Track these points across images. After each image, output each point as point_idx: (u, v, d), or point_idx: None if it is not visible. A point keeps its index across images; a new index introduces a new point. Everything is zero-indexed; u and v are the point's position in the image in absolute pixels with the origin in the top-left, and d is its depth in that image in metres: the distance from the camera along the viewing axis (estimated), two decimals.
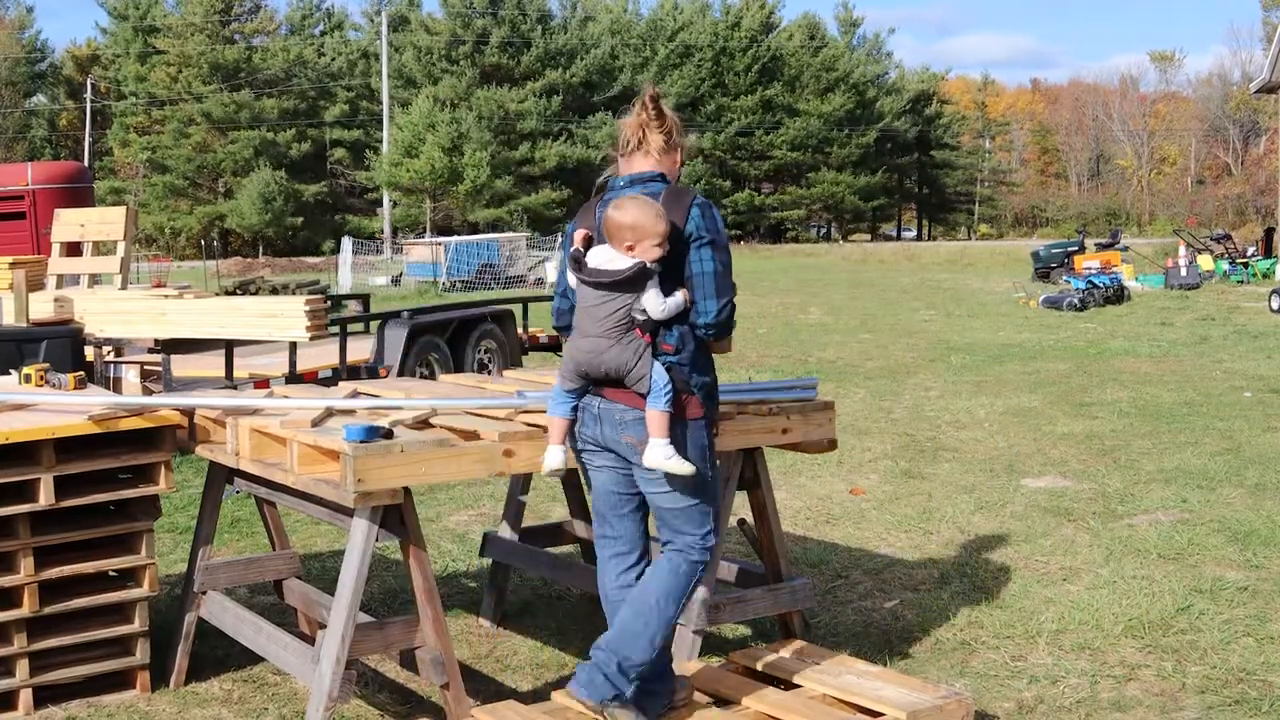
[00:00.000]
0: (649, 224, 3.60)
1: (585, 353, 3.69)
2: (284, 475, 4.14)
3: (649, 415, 3.67)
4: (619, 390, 3.70)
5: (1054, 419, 10.24)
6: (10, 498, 4.31)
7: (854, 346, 16.26)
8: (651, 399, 3.66)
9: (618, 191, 3.79)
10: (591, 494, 3.96)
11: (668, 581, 3.81)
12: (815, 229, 75.90)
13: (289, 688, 4.71)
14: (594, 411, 3.77)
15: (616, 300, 3.64)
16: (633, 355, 3.65)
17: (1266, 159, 61.23)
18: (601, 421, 3.76)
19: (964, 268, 37.10)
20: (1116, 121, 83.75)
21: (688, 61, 68.09)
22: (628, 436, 3.71)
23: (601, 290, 3.66)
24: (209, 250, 46.40)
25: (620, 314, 3.64)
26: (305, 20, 69.58)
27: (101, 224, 10.77)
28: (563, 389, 3.79)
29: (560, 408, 3.81)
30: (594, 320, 3.68)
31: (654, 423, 3.66)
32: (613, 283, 3.64)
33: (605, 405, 3.73)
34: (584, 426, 3.81)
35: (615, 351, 3.65)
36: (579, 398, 3.79)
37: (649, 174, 3.80)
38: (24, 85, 66.18)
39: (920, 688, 3.98)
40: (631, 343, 3.65)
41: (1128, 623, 5.24)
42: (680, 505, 3.79)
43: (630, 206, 3.63)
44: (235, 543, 6.74)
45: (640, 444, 3.69)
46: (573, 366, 3.74)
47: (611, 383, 3.70)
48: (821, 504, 7.52)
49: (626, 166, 3.86)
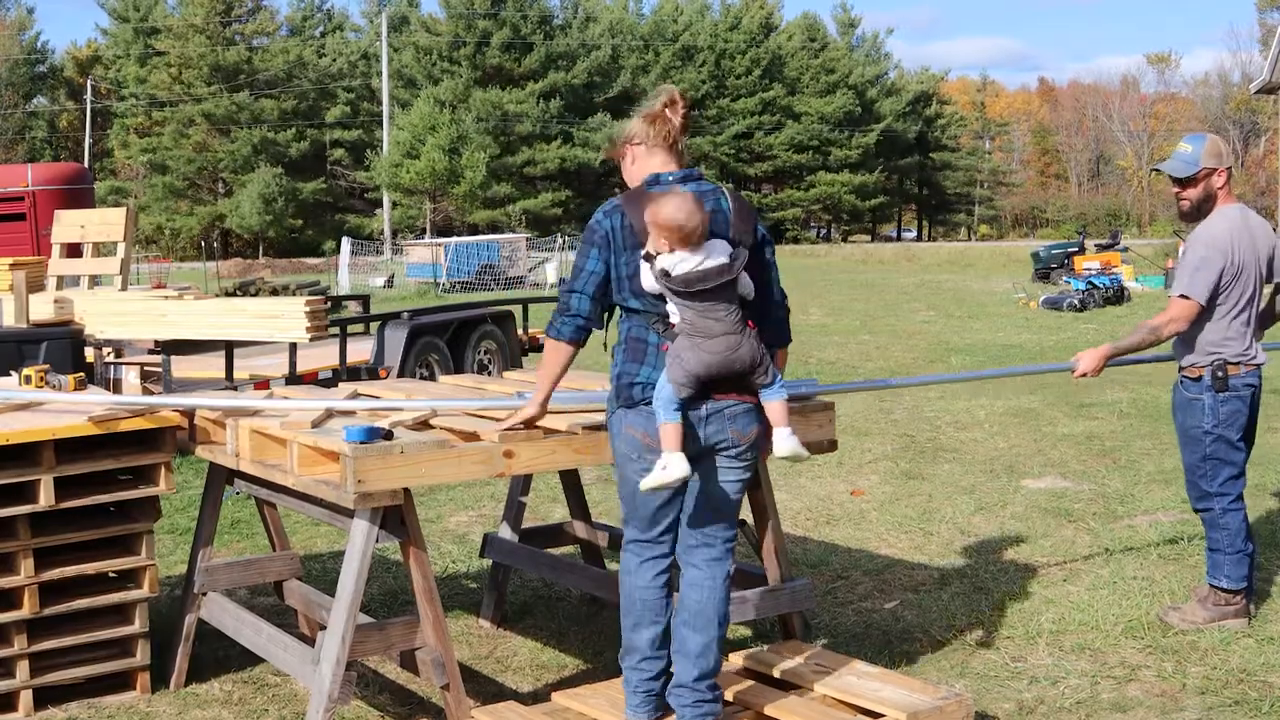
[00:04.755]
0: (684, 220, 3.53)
1: (718, 353, 3.55)
2: (284, 476, 4.14)
3: (776, 405, 3.68)
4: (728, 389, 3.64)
5: (1054, 420, 10.24)
6: (10, 499, 4.31)
7: (854, 347, 16.26)
8: (776, 389, 3.67)
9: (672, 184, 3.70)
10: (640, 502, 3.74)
11: (723, 602, 3.82)
12: (815, 230, 75.92)
13: (289, 689, 4.71)
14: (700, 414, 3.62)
15: (725, 297, 3.58)
16: (757, 349, 3.63)
17: (1266, 160, 61.24)
18: (706, 424, 3.64)
19: (964, 268, 37.09)
20: (1116, 122, 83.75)
21: (689, 63, 68.08)
22: (734, 431, 3.67)
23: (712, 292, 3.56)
24: (209, 251, 46.44)
25: (736, 310, 3.60)
26: (305, 21, 69.59)
27: (101, 225, 10.77)
28: (679, 396, 3.57)
29: (676, 411, 3.58)
30: (715, 320, 3.56)
31: (781, 412, 3.68)
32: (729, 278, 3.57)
33: (713, 406, 3.63)
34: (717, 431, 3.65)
35: (748, 345, 3.61)
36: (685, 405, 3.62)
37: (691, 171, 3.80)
38: (24, 86, 66.16)
39: (920, 688, 3.98)
40: (750, 335, 3.63)
41: (1128, 623, 5.24)
42: (741, 496, 3.83)
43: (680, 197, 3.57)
44: (235, 544, 6.74)
45: (743, 436, 3.68)
46: (698, 368, 3.54)
47: (732, 381, 3.62)
48: (822, 505, 7.52)
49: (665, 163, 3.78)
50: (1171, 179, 5.26)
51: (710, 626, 3.78)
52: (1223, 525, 5.19)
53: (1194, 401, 5.18)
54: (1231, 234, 5.10)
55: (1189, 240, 5.25)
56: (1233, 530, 5.19)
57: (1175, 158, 5.24)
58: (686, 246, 3.54)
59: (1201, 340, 5.13)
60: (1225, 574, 5.18)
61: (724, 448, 3.70)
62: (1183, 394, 5.24)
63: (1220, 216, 5.17)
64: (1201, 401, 5.15)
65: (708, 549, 3.81)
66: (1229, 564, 5.18)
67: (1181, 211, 5.34)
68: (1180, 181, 5.22)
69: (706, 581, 3.80)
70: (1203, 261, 5.06)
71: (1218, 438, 5.15)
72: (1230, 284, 5.08)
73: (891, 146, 71.92)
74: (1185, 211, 5.30)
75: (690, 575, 3.83)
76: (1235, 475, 5.22)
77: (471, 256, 33.44)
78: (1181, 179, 5.20)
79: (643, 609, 3.80)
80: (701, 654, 3.76)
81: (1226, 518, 5.19)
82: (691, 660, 3.76)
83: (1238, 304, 5.12)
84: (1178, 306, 5.08)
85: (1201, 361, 5.14)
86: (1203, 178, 5.17)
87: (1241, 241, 5.11)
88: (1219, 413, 5.13)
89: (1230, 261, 5.06)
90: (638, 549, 3.83)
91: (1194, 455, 5.22)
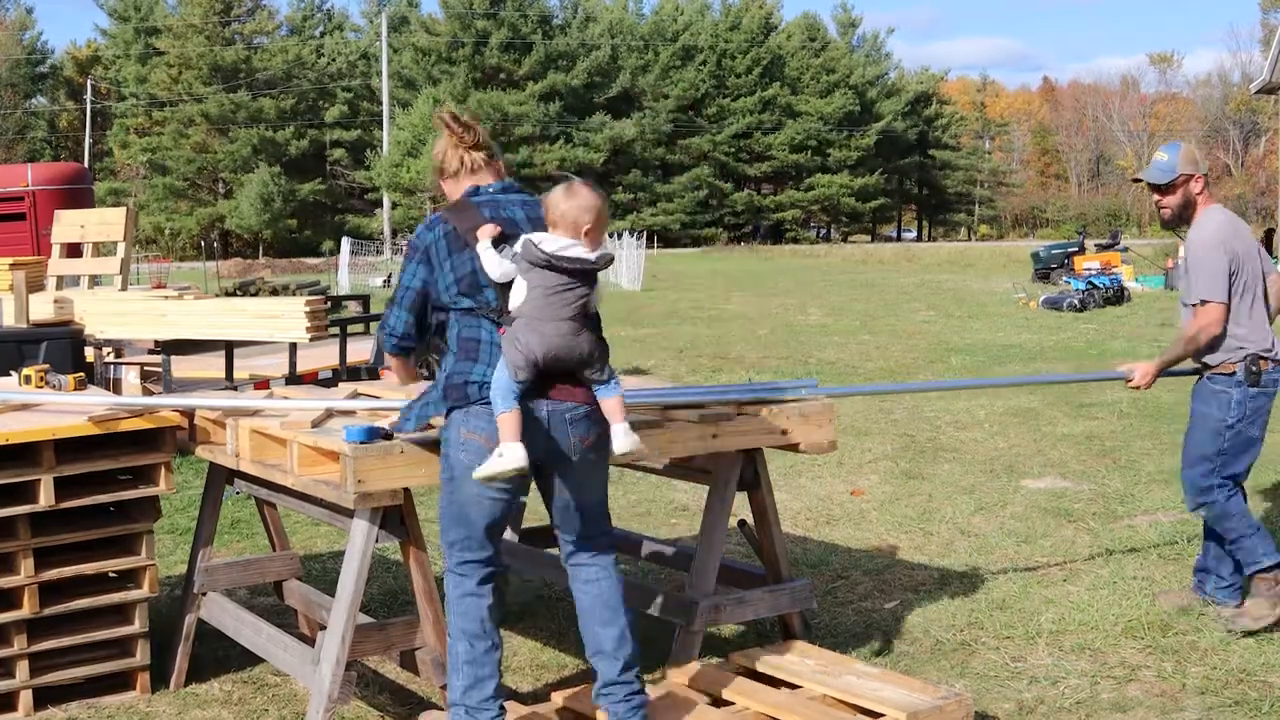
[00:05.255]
0: (605, 211, 3.65)
1: (559, 336, 3.55)
2: (284, 476, 4.14)
3: (612, 401, 3.66)
4: (564, 388, 3.63)
5: (1054, 420, 10.24)
6: (10, 499, 4.31)
7: (854, 348, 16.26)
8: (610, 387, 3.66)
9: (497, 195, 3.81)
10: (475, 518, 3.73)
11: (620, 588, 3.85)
12: (815, 230, 75.92)
13: (289, 689, 4.71)
14: (539, 415, 3.60)
15: (579, 288, 3.59)
16: (598, 343, 3.64)
17: (1267, 160, 61.25)
18: (549, 425, 3.62)
19: (964, 268, 37.08)
20: (1116, 122, 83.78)
21: (688, 63, 68.09)
22: (576, 435, 3.65)
23: (566, 276, 3.58)
24: (209, 251, 46.45)
25: (584, 302, 3.60)
26: (306, 21, 69.62)
27: (101, 225, 10.77)
28: (514, 380, 3.56)
29: (514, 400, 3.56)
30: (562, 305, 3.56)
31: (618, 408, 3.66)
32: (584, 270, 3.59)
33: (552, 406, 3.62)
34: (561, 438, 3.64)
35: (585, 337, 3.60)
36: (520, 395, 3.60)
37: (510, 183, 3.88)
38: (24, 86, 66.19)
39: (920, 688, 3.98)
40: (592, 331, 3.64)
41: (1128, 623, 5.24)
42: (605, 496, 3.86)
43: (588, 192, 3.64)
44: (235, 544, 6.74)
45: (585, 440, 3.66)
46: (539, 351, 3.54)
47: (567, 374, 3.61)
48: (821, 505, 7.52)
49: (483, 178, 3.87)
50: (1151, 187, 5.37)
51: (618, 616, 3.80)
52: (1232, 512, 5.21)
53: (1220, 394, 5.19)
54: (1224, 230, 5.19)
55: (1187, 246, 5.32)
56: (1242, 512, 5.25)
57: (1153, 166, 5.36)
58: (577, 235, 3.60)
59: (1228, 338, 5.16)
60: (1262, 553, 5.18)
61: (567, 454, 3.68)
62: (1209, 385, 5.25)
63: (1208, 217, 5.27)
64: (1229, 395, 5.17)
65: (590, 548, 3.84)
66: (1259, 543, 5.20)
67: (1163, 220, 5.46)
68: (1159, 189, 5.33)
69: (601, 575, 3.83)
70: (1208, 262, 5.12)
71: (1239, 432, 5.18)
72: (1238, 277, 5.14)
73: (891, 146, 71.90)
74: (1167, 219, 5.42)
75: (581, 574, 3.84)
76: (1242, 470, 5.27)
77: None
78: (1160, 186, 5.31)
79: (492, 628, 3.80)
80: (619, 645, 3.79)
81: (1230, 503, 5.22)
82: (611, 656, 3.79)
83: (1252, 296, 5.19)
84: (1204, 313, 5.14)
85: (1234, 358, 5.17)
86: (1180, 184, 5.28)
87: (1237, 235, 5.20)
88: (1246, 407, 5.16)
89: (1234, 254, 5.13)
90: (472, 570, 3.78)
91: (1208, 446, 5.23)
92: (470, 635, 3.78)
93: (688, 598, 4.61)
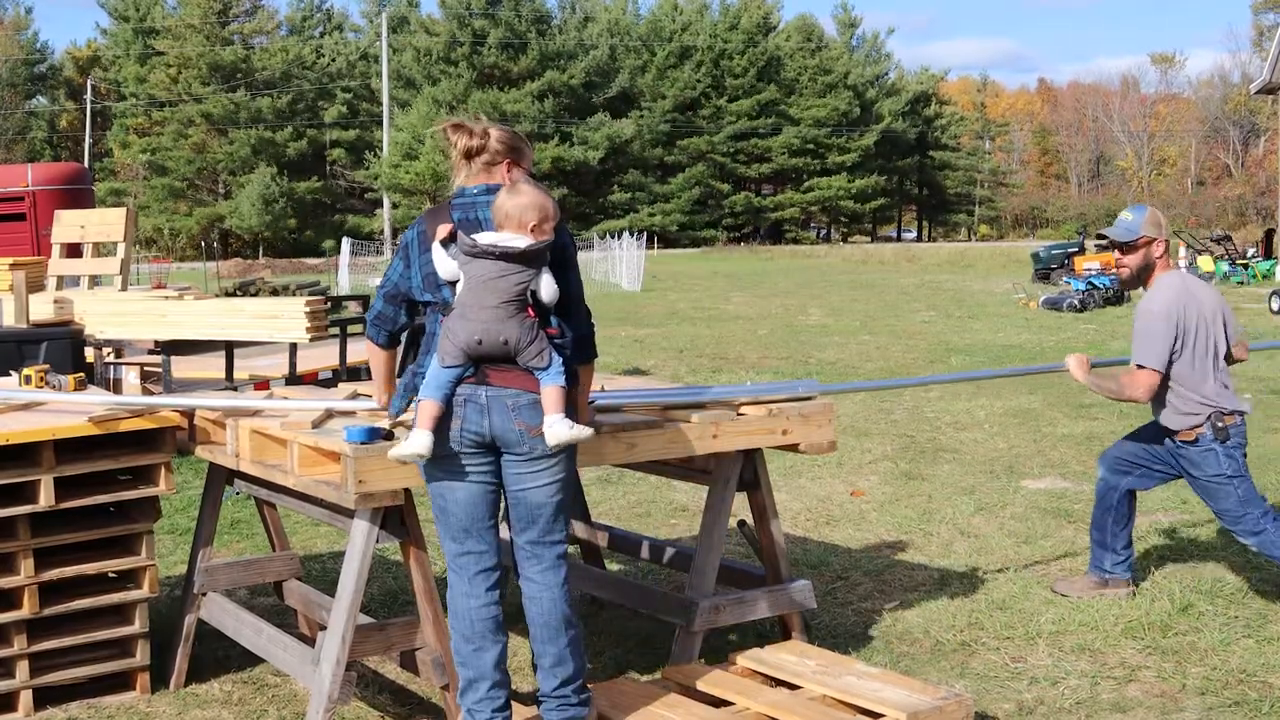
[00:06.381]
0: (550, 207, 3.70)
1: (483, 323, 3.58)
2: (284, 477, 4.14)
3: (549, 391, 3.63)
4: (508, 374, 3.63)
5: (1054, 420, 10.24)
6: (10, 499, 4.31)
7: (854, 348, 16.26)
8: (551, 375, 3.64)
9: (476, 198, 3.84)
10: (450, 508, 3.74)
11: (565, 604, 3.80)
12: (815, 230, 75.91)
13: (289, 689, 4.71)
14: (480, 402, 3.63)
15: (516, 275, 3.61)
16: (529, 330, 3.63)
17: (1266, 160, 61.23)
18: (490, 411, 3.62)
19: (964, 269, 37.09)
20: (1117, 122, 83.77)
21: (686, 63, 68.08)
22: (520, 423, 3.63)
23: (502, 263, 3.61)
24: (209, 251, 46.44)
25: (520, 289, 3.62)
26: (305, 21, 69.64)
27: (101, 225, 10.77)
28: (442, 367, 3.62)
29: (438, 391, 3.62)
30: (491, 293, 3.60)
31: (554, 398, 3.63)
32: (519, 254, 3.61)
33: (493, 392, 3.63)
34: (466, 423, 3.64)
35: (515, 323, 3.61)
36: (456, 384, 3.63)
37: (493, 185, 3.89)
38: (24, 87, 66.19)
39: (920, 689, 3.98)
40: (526, 319, 3.64)
41: (1128, 624, 5.24)
42: (559, 499, 3.76)
43: (532, 190, 3.71)
44: (235, 544, 6.74)
45: (532, 429, 3.64)
46: (464, 339, 3.58)
47: (501, 360, 3.62)
48: (821, 505, 7.52)
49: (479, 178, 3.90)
50: (1113, 245, 5.50)
51: (558, 636, 3.77)
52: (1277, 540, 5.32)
53: (1207, 453, 5.34)
54: (1172, 300, 5.30)
55: (1136, 310, 5.46)
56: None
57: (1118, 224, 5.51)
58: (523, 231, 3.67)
59: (1187, 402, 5.31)
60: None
61: (514, 444, 3.65)
62: (1192, 451, 5.38)
63: (1159, 286, 5.40)
64: (1215, 452, 5.32)
65: (537, 561, 3.80)
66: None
67: (1121, 280, 5.61)
68: (1121, 248, 5.46)
69: (543, 593, 3.78)
70: (1149, 331, 5.28)
71: (1241, 479, 5.33)
72: (1183, 348, 5.27)
73: (891, 146, 71.90)
74: (1125, 279, 5.56)
75: (527, 589, 3.82)
76: (1264, 499, 5.43)
77: None
78: (1123, 244, 5.45)
79: (483, 628, 3.78)
80: (556, 663, 3.78)
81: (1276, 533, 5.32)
82: (548, 671, 3.79)
83: (1206, 361, 5.32)
84: (1139, 377, 5.29)
85: (1198, 420, 5.32)
86: (1142, 245, 5.42)
87: (1187, 305, 5.31)
88: (1236, 459, 5.33)
89: (1177, 327, 5.26)
90: (463, 565, 3.79)
91: (1229, 502, 5.35)
92: (460, 634, 3.80)
93: (688, 598, 4.61)
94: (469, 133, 3.89)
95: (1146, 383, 5.25)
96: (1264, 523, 5.31)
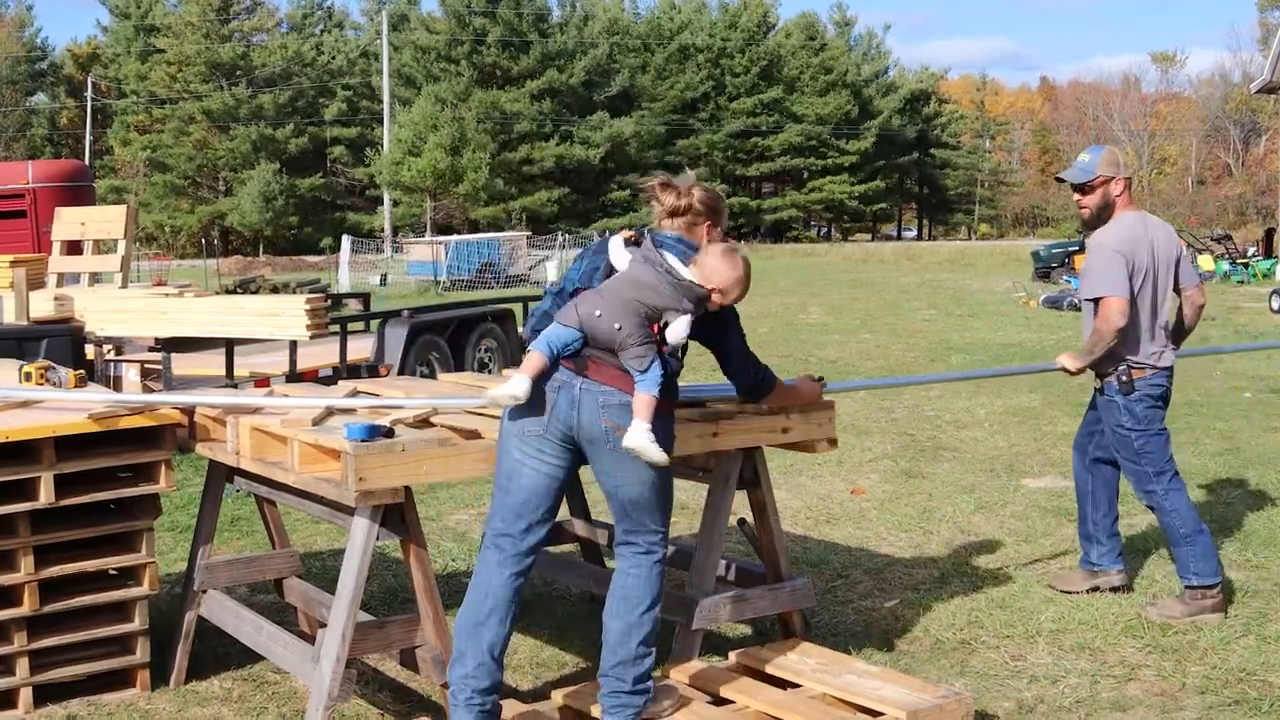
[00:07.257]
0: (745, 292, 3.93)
1: (611, 305, 3.69)
2: (285, 474, 4.14)
3: (640, 398, 3.68)
4: (607, 369, 3.70)
5: (1054, 419, 10.24)
6: (10, 496, 4.31)
7: (854, 346, 16.26)
8: (646, 382, 3.69)
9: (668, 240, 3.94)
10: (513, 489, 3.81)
11: (644, 589, 3.86)
12: (816, 229, 75.88)
13: (289, 686, 4.71)
14: (573, 395, 3.71)
15: (664, 298, 3.72)
16: (645, 332, 3.69)
17: (1267, 159, 61.22)
18: (580, 407, 3.70)
19: (964, 267, 37.09)
20: (1117, 121, 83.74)
21: (686, 62, 68.01)
22: (607, 420, 3.69)
23: (664, 281, 3.74)
24: (209, 249, 46.42)
25: (659, 307, 3.71)
26: (306, 19, 69.60)
27: (102, 222, 10.76)
28: (560, 324, 3.74)
29: (547, 347, 3.71)
30: (635, 290, 3.72)
31: (644, 405, 3.68)
32: (676, 281, 3.75)
33: (587, 385, 3.71)
34: (556, 411, 3.72)
35: (635, 320, 3.69)
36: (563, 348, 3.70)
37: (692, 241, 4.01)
38: (24, 84, 66.15)
39: (920, 687, 3.98)
40: (647, 325, 3.71)
41: (1127, 622, 5.24)
42: (651, 498, 3.82)
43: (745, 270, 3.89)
44: (235, 541, 6.75)
45: (618, 428, 3.68)
46: (587, 309, 3.71)
47: (606, 349, 3.69)
48: (822, 503, 7.52)
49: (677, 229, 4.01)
50: (1072, 187, 5.47)
51: (630, 609, 3.83)
52: (1170, 509, 5.32)
53: (1111, 403, 5.36)
54: (1126, 237, 5.26)
55: (1088, 246, 5.43)
56: (1181, 511, 5.32)
57: (1075, 165, 5.48)
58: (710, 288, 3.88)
59: None
60: (1193, 571, 5.30)
61: (598, 440, 3.72)
62: (1101, 399, 5.44)
63: (1116, 223, 5.35)
64: (1117, 403, 5.33)
65: (631, 546, 3.90)
66: (1192, 559, 5.29)
67: (1083, 220, 5.56)
68: (1079, 189, 5.43)
69: (631, 569, 3.88)
70: (1104, 260, 5.22)
71: (1141, 433, 5.32)
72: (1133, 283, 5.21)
73: (891, 145, 71.81)
74: (1086, 220, 5.51)
75: (619, 565, 3.93)
76: (1169, 458, 5.40)
77: (472, 254, 33.43)
78: (1079, 185, 5.42)
79: (494, 603, 3.83)
80: (619, 639, 3.83)
81: (1170, 498, 5.33)
82: (610, 647, 3.85)
83: (1144, 310, 5.28)
84: (1107, 305, 5.20)
85: (1109, 368, 5.32)
86: (1099, 185, 5.38)
87: (1140, 245, 5.26)
88: (1135, 413, 5.31)
89: (1130, 261, 5.21)
90: (503, 543, 3.85)
91: (1127, 450, 5.38)
92: (470, 604, 3.87)
93: (687, 596, 4.61)
94: (676, 192, 4.02)
95: (1117, 308, 5.16)
96: (1156, 484, 5.31)
